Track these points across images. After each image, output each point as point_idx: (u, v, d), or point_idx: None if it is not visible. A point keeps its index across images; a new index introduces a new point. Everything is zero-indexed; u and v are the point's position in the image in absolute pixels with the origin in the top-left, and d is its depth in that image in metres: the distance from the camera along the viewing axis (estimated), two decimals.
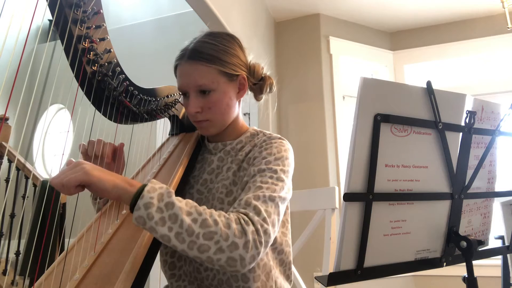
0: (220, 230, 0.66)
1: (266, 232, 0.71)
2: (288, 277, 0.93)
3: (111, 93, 0.84)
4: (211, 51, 0.88)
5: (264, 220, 0.72)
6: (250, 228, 0.69)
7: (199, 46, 0.89)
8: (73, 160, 0.70)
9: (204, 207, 0.70)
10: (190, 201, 0.70)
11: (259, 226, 0.70)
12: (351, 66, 3.29)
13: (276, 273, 0.89)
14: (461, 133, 0.76)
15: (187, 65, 0.88)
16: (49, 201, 2.28)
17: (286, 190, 0.82)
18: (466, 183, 0.78)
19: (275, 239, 0.89)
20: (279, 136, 0.92)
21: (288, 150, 0.88)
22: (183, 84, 0.90)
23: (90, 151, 0.90)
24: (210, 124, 0.92)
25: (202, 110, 0.89)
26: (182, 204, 0.68)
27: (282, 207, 0.79)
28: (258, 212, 0.72)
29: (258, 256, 0.69)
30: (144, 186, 0.67)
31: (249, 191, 0.78)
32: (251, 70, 0.96)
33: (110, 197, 0.68)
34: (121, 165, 0.94)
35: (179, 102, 1.09)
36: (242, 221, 0.69)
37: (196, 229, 0.66)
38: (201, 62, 0.87)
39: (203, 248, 0.66)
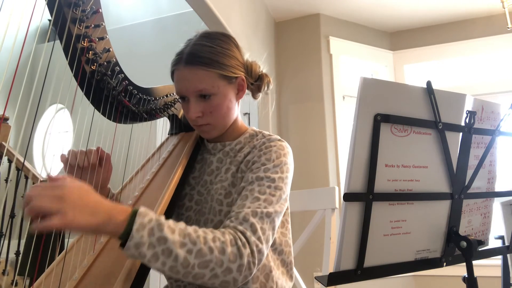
0: (215, 258, 0.67)
1: (260, 251, 0.72)
2: (291, 277, 0.93)
3: (110, 92, 0.84)
4: (209, 55, 0.86)
5: (259, 239, 0.73)
6: (246, 251, 0.70)
7: (196, 49, 0.87)
8: (52, 176, 0.60)
9: (198, 231, 0.68)
10: (182, 227, 0.67)
11: (254, 247, 0.71)
12: (351, 66, 3.29)
13: (278, 274, 0.88)
14: (461, 133, 0.76)
15: (186, 70, 0.86)
16: None
17: (285, 197, 0.83)
18: (466, 183, 0.78)
19: (275, 240, 0.89)
20: (278, 137, 0.91)
21: (288, 154, 0.88)
22: (182, 89, 0.88)
23: (72, 162, 0.86)
24: (212, 127, 0.91)
25: (203, 114, 0.88)
26: (175, 236, 0.65)
27: (278, 220, 0.80)
28: (254, 231, 0.73)
29: (250, 275, 0.71)
30: (131, 223, 0.62)
31: (246, 200, 0.78)
32: (249, 69, 0.95)
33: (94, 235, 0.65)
34: (107, 171, 0.91)
35: (179, 101, 1.09)
36: (239, 243, 0.70)
37: (192, 261, 0.65)
38: (200, 67, 0.85)
39: (198, 276, 0.66)
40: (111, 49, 0.82)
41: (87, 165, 0.87)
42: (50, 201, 0.56)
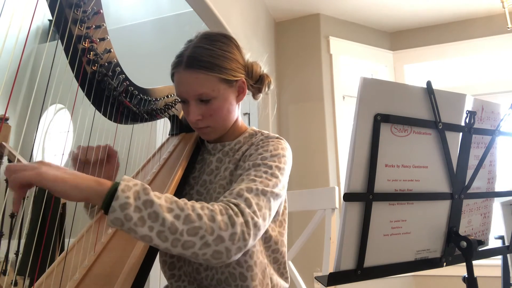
0: (204, 224, 0.63)
1: (256, 225, 0.69)
2: (282, 274, 0.93)
3: (111, 93, 0.84)
4: (209, 58, 0.85)
5: (254, 213, 0.70)
6: (239, 220, 0.67)
7: (196, 52, 0.86)
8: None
9: (185, 200, 0.66)
10: (169, 195, 0.65)
11: (249, 218, 0.68)
12: (351, 66, 3.29)
13: (271, 270, 0.89)
14: (461, 133, 0.76)
15: (186, 74, 0.86)
16: (49, 201, 2.27)
17: (280, 187, 0.80)
18: (466, 183, 0.78)
19: (271, 237, 0.89)
20: (277, 135, 0.91)
21: (286, 149, 0.88)
22: (183, 92, 0.88)
23: (82, 157, 0.88)
24: (212, 130, 0.92)
25: (203, 117, 0.88)
26: (162, 200, 0.63)
27: (274, 203, 0.77)
28: (249, 205, 0.70)
29: (245, 247, 0.67)
30: (116, 184, 0.61)
31: (241, 183, 0.76)
32: (249, 71, 0.95)
33: (74, 199, 0.60)
34: (115, 167, 0.93)
35: (179, 102, 1.09)
36: (231, 212, 0.67)
37: (180, 226, 0.62)
38: (201, 71, 0.84)
39: (188, 245, 0.62)
40: (112, 50, 0.82)
41: (96, 160, 0.89)
42: (27, 165, 0.59)
